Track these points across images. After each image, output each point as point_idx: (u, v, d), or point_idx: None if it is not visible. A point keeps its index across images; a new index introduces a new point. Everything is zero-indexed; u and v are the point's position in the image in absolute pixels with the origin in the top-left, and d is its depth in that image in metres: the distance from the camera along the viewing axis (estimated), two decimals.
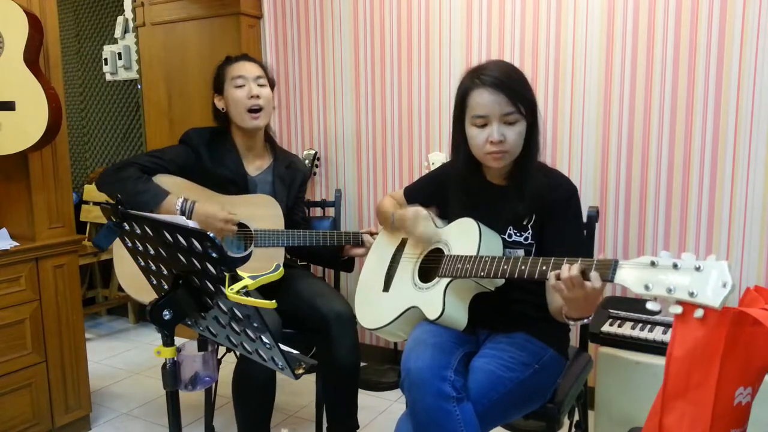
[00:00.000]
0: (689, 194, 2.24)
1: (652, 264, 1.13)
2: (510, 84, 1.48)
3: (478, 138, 1.51)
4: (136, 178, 1.97)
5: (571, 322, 1.43)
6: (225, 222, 1.96)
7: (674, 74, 2.22)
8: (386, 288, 1.73)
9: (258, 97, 2.07)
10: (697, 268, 1.07)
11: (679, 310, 1.08)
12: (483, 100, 1.48)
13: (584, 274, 1.26)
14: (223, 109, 2.13)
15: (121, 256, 2.01)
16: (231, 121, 2.13)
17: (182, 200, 1.96)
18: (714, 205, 2.20)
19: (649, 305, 1.12)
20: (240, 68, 2.10)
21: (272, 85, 2.17)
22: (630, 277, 1.16)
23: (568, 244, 1.50)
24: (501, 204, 1.58)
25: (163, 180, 2.03)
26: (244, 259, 2.00)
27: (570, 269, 1.26)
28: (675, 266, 1.10)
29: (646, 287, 1.12)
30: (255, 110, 2.07)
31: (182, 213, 1.94)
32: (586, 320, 1.42)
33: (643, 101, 2.28)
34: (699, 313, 1.05)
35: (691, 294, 1.06)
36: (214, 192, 2.06)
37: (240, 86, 2.07)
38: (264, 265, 1.99)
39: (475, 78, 1.51)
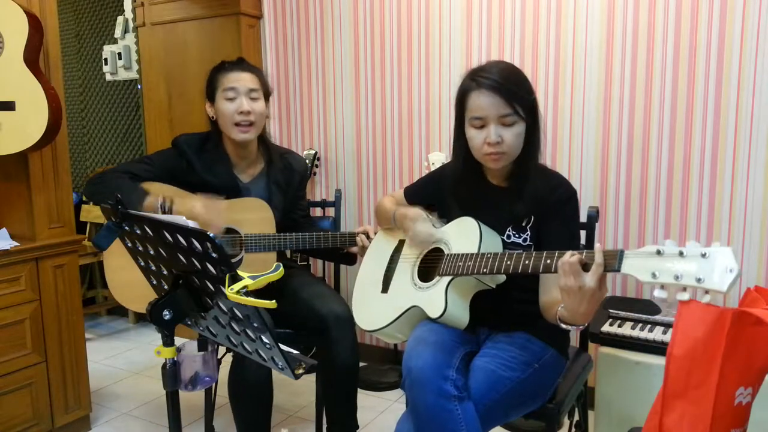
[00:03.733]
0: (689, 194, 2.24)
1: (658, 252, 1.13)
2: (507, 86, 1.47)
3: (476, 139, 1.52)
4: (117, 178, 1.94)
5: (562, 326, 1.39)
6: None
7: (674, 74, 2.22)
8: (385, 289, 1.73)
9: (249, 113, 1.98)
10: (703, 255, 1.07)
11: (686, 297, 1.08)
12: (480, 101, 1.49)
13: (585, 268, 1.25)
14: (213, 117, 2.06)
15: (111, 266, 1.99)
16: (221, 131, 2.07)
17: (161, 200, 1.89)
18: (714, 205, 2.20)
19: (656, 293, 1.13)
20: (233, 79, 2.00)
21: (267, 95, 2.07)
22: (637, 266, 1.16)
23: (563, 246, 1.48)
24: (500, 205, 1.58)
25: (152, 188, 1.98)
26: (235, 265, 1.97)
27: (571, 256, 1.26)
28: (681, 254, 1.10)
29: (653, 275, 1.13)
30: (244, 124, 1.99)
31: (162, 212, 1.88)
32: (573, 328, 1.38)
33: (643, 101, 2.28)
34: (706, 297, 1.06)
35: (699, 280, 1.06)
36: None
37: (231, 99, 1.98)
38: (256, 270, 1.98)
39: (473, 79, 1.51)
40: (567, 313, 1.33)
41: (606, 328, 1.99)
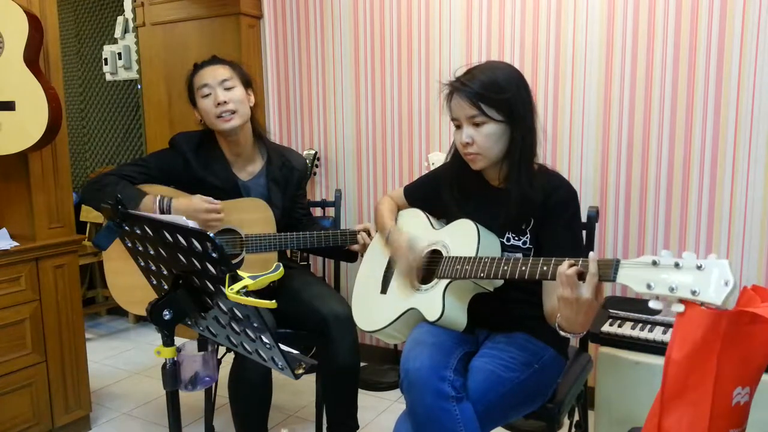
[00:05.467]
0: (689, 194, 2.24)
1: (654, 263, 1.13)
2: (474, 87, 1.48)
3: (456, 140, 1.57)
4: (114, 185, 1.94)
5: (561, 333, 1.39)
6: (207, 212, 1.91)
7: (674, 74, 2.22)
8: (384, 290, 1.73)
9: (225, 102, 1.97)
10: (699, 267, 1.07)
11: (681, 308, 1.08)
12: (452, 104, 1.54)
13: (581, 277, 1.25)
14: (201, 120, 2.07)
15: (111, 269, 2.00)
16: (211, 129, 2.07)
17: (159, 198, 1.92)
18: (714, 205, 2.21)
19: (652, 304, 1.13)
20: (204, 76, 2.01)
21: (246, 83, 2.06)
22: (632, 277, 1.16)
23: (565, 249, 1.47)
24: (498, 206, 1.57)
25: (149, 190, 2.00)
26: (236, 266, 1.97)
27: (569, 267, 1.26)
28: (677, 265, 1.10)
29: (649, 286, 1.13)
30: (225, 115, 1.99)
31: (161, 211, 1.91)
32: (572, 336, 1.37)
33: (643, 101, 2.28)
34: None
35: (694, 293, 1.06)
36: None
37: (206, 95, 1.99)
38: (257, 270, 1.98)
39: (449, 83, 1.55)
40: (565, 322, 1.34)
41: (606, 328, 1.99)
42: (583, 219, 1.83)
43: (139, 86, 3.44)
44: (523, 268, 1.36)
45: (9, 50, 1.96)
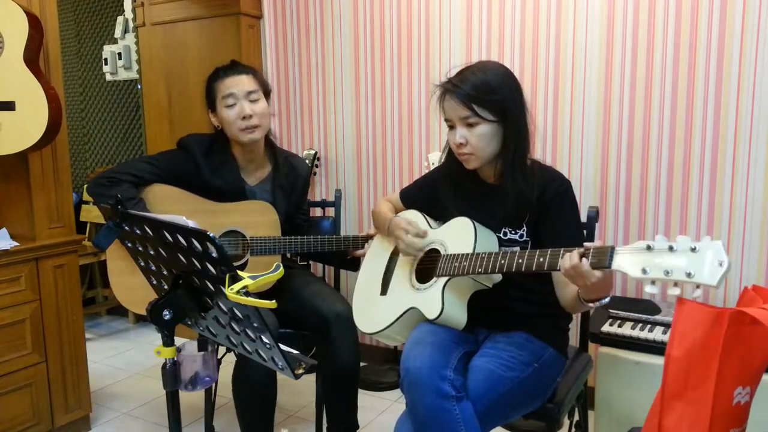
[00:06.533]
0: (689, 194, 2.24)
1: (648, 248, 1.14)
2: (466, 88, 1.49)
3: (450, 140, 1.58)
4: (128, 199, 1.92)
5: (591, 305, 1.40)
6: None
7: (674, 74, 2.22)
8: (384, 291, 1.73)
9: (251, 116, 1.96)
10: (693, 249, 1.08)
11: (677, 291, 1.09)
12: (445, 105, 1.55)
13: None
14: (218, 126, 2.05)
15: (115, 269, 2.00)
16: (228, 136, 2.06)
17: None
18: (714, 205, 2.21)
19: (648, 288, 1.14)
20: (229, 84, 1.98)
21: (267, 93, 2.06)
22: (627, 262, 1.17)
23: (566, 239, 1.49)
24: (494, 203, 1.58)
25: (157, 190, 2.00)
26: (240, 268, 1.97)
27: (571, 258, 1.26)
28: (671, 249, 1.11)
29: (644, 271, 1.13)
30: (249, 128, 1.97)
31: None
32: (605, 299, 1.38)
33: (643, 101, 2.28)
34: (697, 292, 1.06)
35: (689, 275, 1.07)
36: (209, 200, 2.02)
37: (230, 105, 1.96)
38: (261, 272, 1.98)
39: (442, 83, 1.56)
40: (592, 294, 1.36)
41: (606, 328, 1.99)
42: (583, 219, 1.83)
43: (139, 86, 3.44)
44: (520, 260, 1.37)
45: (9, 50, 1.96)
